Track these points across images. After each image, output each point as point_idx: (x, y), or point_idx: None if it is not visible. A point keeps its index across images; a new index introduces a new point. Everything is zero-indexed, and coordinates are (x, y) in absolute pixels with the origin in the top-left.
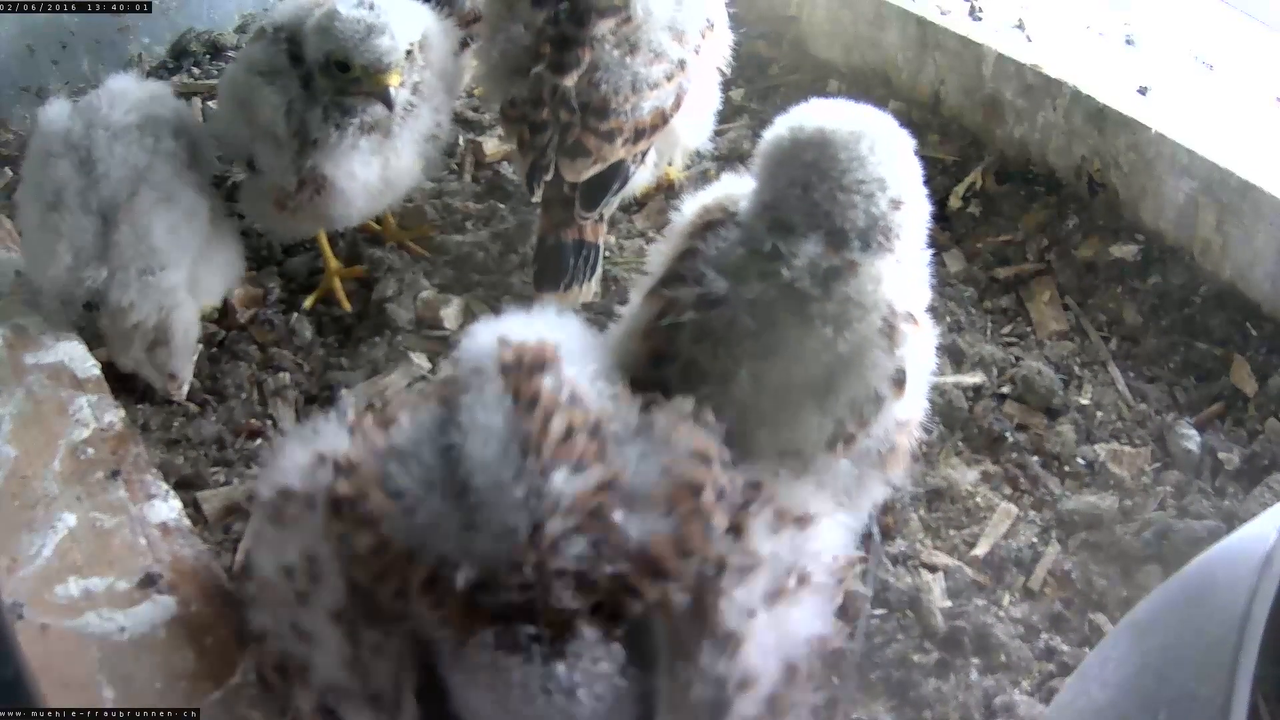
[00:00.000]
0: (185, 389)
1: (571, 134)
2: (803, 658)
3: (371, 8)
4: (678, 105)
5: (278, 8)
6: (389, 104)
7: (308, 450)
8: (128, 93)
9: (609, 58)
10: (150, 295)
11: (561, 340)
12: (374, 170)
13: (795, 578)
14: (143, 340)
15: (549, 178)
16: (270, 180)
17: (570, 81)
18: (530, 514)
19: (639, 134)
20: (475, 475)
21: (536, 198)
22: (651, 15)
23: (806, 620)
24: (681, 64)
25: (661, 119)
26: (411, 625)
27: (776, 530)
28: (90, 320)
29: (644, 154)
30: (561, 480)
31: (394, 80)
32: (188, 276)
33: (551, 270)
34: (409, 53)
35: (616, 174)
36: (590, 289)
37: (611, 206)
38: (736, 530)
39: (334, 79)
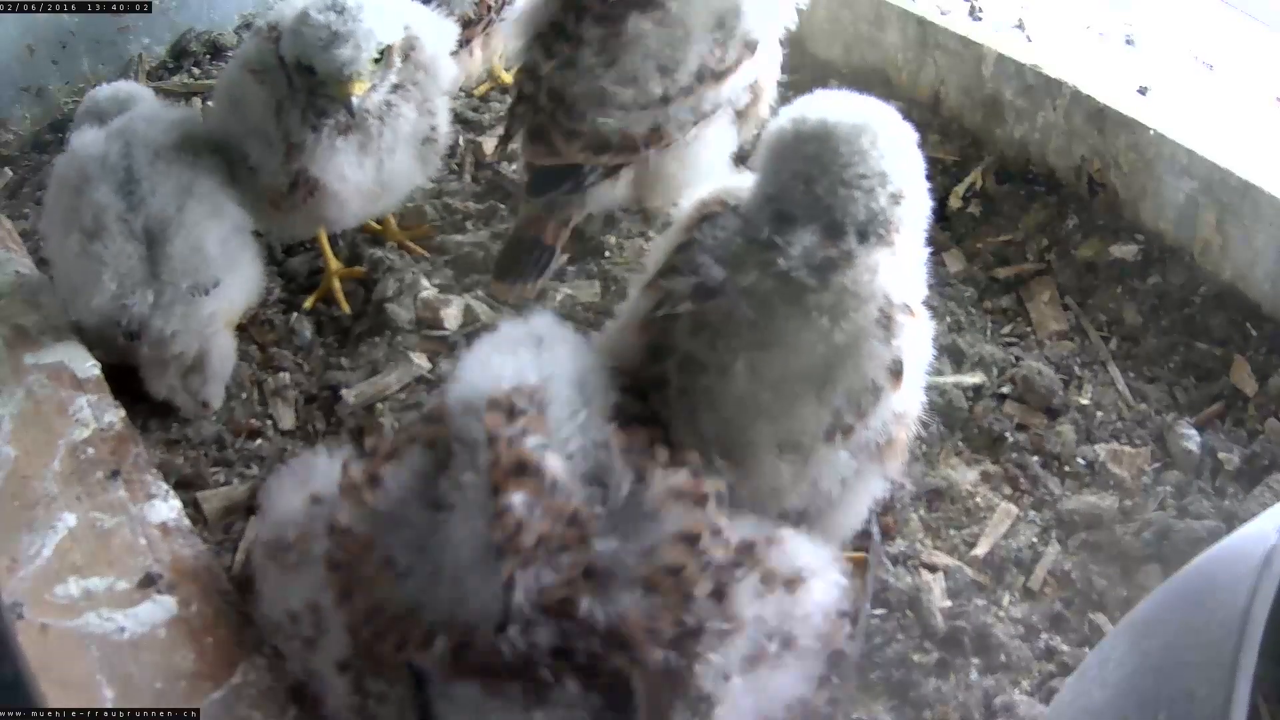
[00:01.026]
0: (209, 413)
1: (540, 118)
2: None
3: (341, 12)
4: (658, 139)
5: (279, 6)
6: (350, 111)
7: (302, 492)
8: (161, 113)
9: (586, 62)
10: (191, 324)
11: (553, 374)
12: (367, 173)
13: (779, 642)
14: (179, 368)
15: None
16: (264, 180)
17: (546, 70)
18: (501, 608)
19: (601, 147)
20: (454, 563)
21: (514, 169)
22: (643, 38)
23: (787, 684)
24: (664, 99)
25: (631, 144)
26: (413, 672)
27: (762, 595)
28: (125, 349)
29: (612, 169)
30: (527, 584)
31: (358, 89)
32: (230, 293)
33: (507, 262)
34: (379, 58)
35: (569, 175)
36: (534, 289)
37: (572, 212)
38: (720, 595)
39: (305, 80)
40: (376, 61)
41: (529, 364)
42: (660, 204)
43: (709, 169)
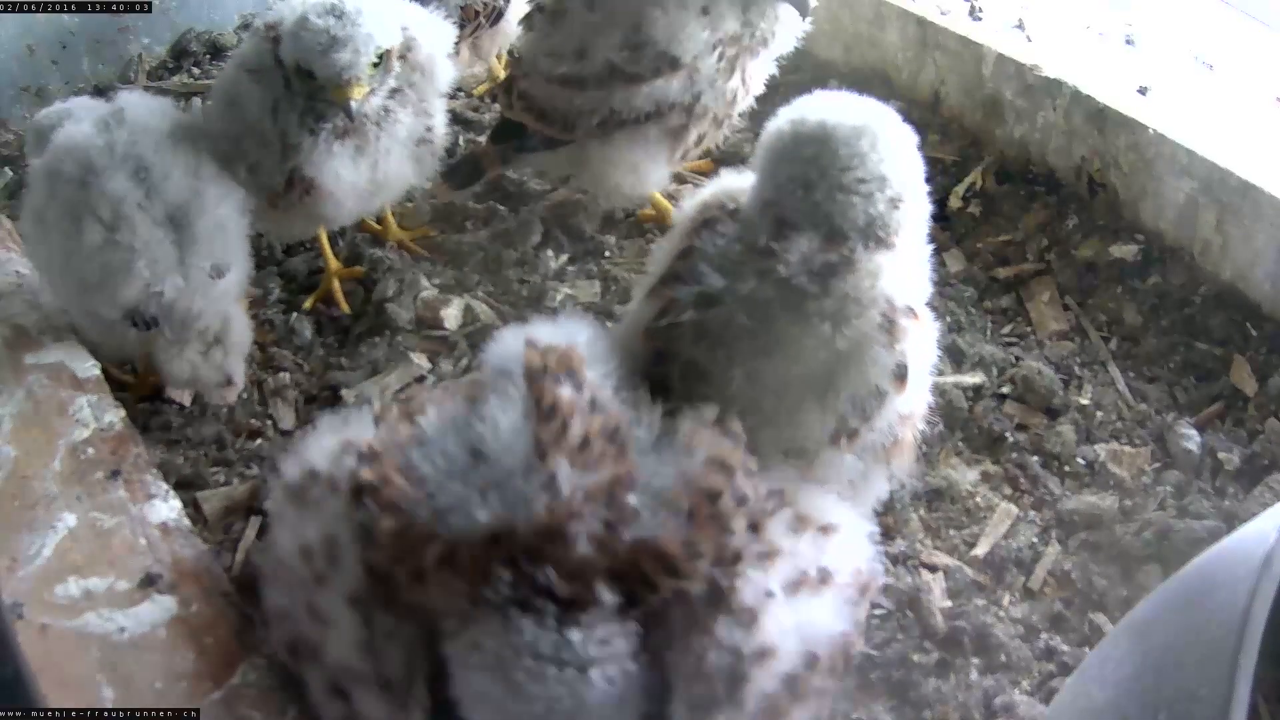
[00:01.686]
0: (235, 393)
1: (510, 73)
2: (824, 650)
3: (340, 16)
4: (579, 122)
5: (278, 5)
6: (349, 115)
7: (336, 437)
8: (152, 101)
9: (538, 29)
10: (213, 299)
11: (584, 343)
12: (362, 173)
13: (817, 573)
14: (202, 344)
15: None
16: (260, 179)
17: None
18: (545, 503)
19: (538, 114)
20: (494, 464)
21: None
22: (571, 17)
23: (829, 616)
24: (579, 83)
25: (561, 121)
26: (426, 613)
27: (797, 530)
28: (132, 343)
29: (550, 142)
30: (573, 478)
31: (356, 93)
32: (240, 269)
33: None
34: (379, 61)
35: (515, 132)
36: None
37: (514, 162)
38: (755, 527)
39: (304, 84)
40: (375, 65)
41: (560, 335)
42: (599, 196)
43: (635, 178)
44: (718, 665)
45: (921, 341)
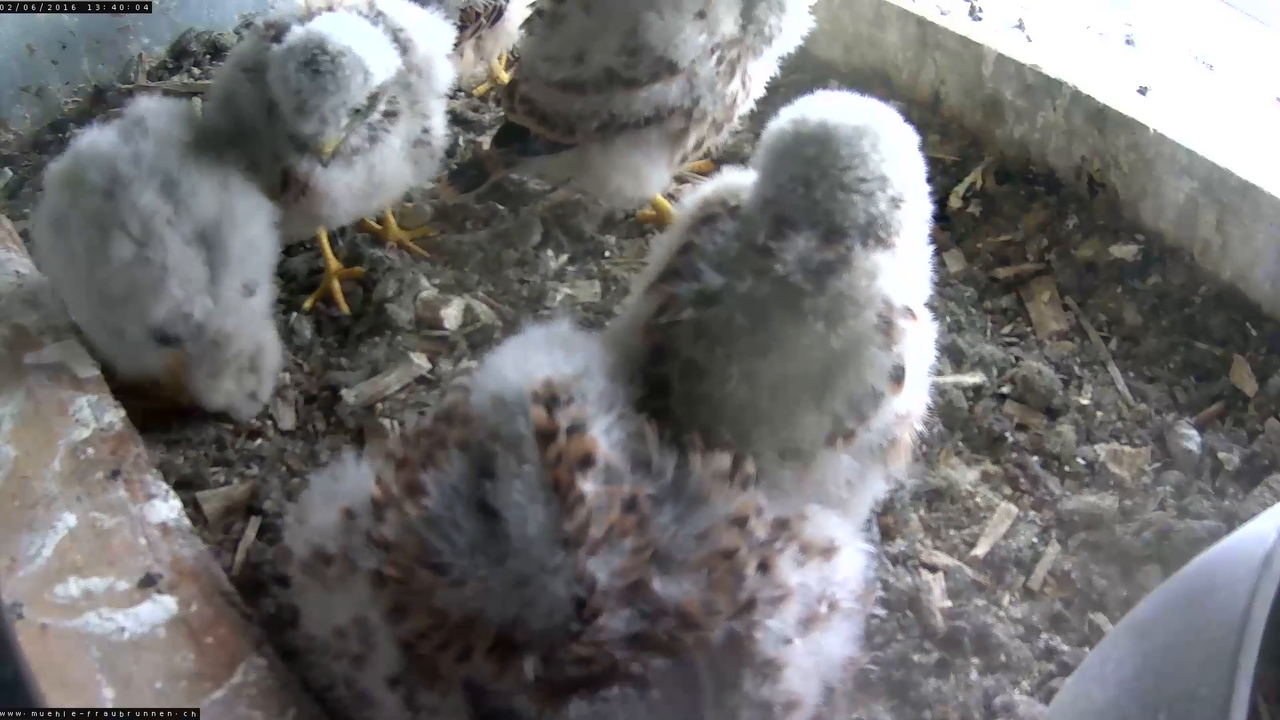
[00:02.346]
0: (259, 408)
1: (513, 78)
2: (839, 680)
3: (316, 73)
4: (581, 127)
5: (279, 5)
6: (322, 164)
7: (333, 508)
8: (172, 107)
9: (538, 34)
10: (244, 319)
11: (585, 369)
12: (358, 174)
13: (826, 605)
14: (237, 368)
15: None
16: (258, 178)
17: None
18: (574, 595)
19: (540, 119)
20: (518, 554)
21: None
22: (569, 21)
23: (839, 645)
24: (578, 87)
25: (563, 125)
26: (468, 679)
27: (803, 563)
28: (151, 361)
29: (553, 146)
30: (600, 568)
31: (328, 148)
32: (269, 286)
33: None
34: (373, 99)
35: (518, 135)
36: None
37: (517, 165)
38: (765, 568)
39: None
40: (355, 113)
41: (561, 360)
42: (600, 199)
43: (636, 181)
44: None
45: (919, 343)
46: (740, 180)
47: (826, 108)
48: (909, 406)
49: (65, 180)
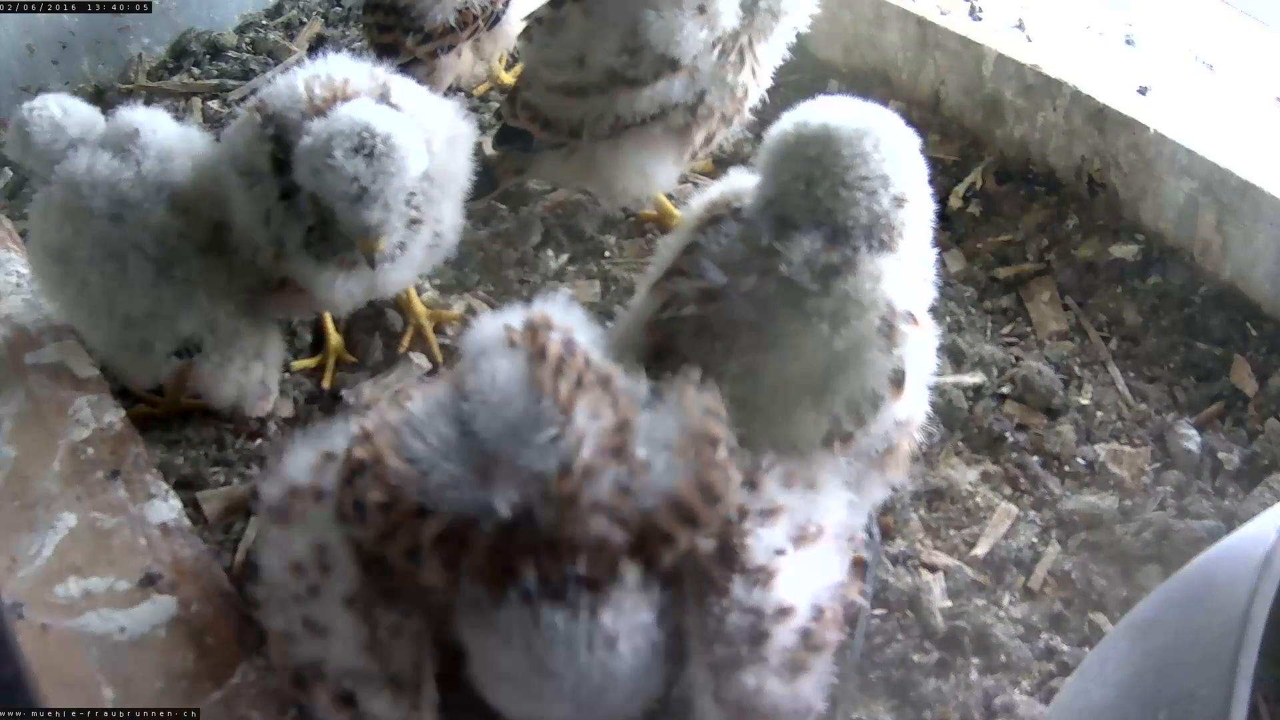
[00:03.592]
0: (271, 402)
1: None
2: (828, 602)
3: (371, 156)
4: (585, 128)
5: (271, 86)
6: (371, 265)
7: (314, 451)
8: (167, 121)
9: (538, 40)
10: (253, 315)
11: (565, 314)
12: (361, 281)
13: (814, 528)
14: (244, 361)
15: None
16: (250, 277)
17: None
18: (558, 454)
19: (543, 123)
20: (493, 429)
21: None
22: (568, 26)
23: (828, 567)
24: (581, 91)
25: (567, 127)
26: (429, 601)
27: (789, 486)
28: (166, 367)
29: (555, 146)
30: (584, 418)
31: (383, 245)
32: None
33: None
34: (412, 196)
35: (519, 137)
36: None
37: (521, 168)
38: (753, 485)
39: (319, 212)
40: (409, 197)
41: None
42: (607, 199)
43: (644, 179)
44: (739, 626)
45: (921, 349)
46: (747, 182)
47: (828, 111)
48: (909, 413)
49: (63, 209)
